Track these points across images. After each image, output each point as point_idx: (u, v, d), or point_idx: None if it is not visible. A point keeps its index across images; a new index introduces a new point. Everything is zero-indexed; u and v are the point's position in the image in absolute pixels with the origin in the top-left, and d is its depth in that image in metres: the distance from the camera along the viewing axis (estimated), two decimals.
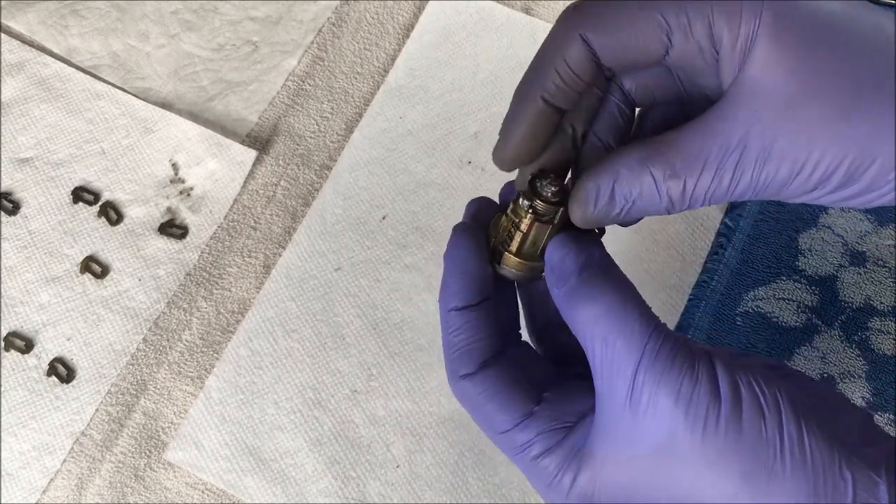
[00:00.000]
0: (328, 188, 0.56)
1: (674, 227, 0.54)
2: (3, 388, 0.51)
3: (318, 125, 0.59)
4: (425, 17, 0.61)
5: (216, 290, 0.54)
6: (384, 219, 0.56)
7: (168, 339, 0.53)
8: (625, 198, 0.32)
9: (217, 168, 0.57)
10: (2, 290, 0.54)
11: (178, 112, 0.59)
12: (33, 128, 0.58)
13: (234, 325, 0.53)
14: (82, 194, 0.56)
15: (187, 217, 0.56)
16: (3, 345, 0.52)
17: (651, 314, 0.31)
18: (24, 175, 0.57)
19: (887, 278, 0.51)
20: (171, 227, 0.55)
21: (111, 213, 0.55)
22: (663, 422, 0.29)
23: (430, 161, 0.57)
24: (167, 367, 0.52)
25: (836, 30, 0.29)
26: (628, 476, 0.31)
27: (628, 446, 0.31)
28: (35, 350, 0.52)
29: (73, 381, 0.51)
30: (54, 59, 0.60)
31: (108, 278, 0.54)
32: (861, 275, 0.51)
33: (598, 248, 0.33)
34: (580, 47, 0.31)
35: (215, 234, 0.55)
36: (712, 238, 0.53)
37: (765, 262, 0.52)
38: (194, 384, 0.52)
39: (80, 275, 0.54)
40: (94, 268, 0.54)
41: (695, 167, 0.30)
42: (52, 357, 0.52)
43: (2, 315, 0.53)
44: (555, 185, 0.33)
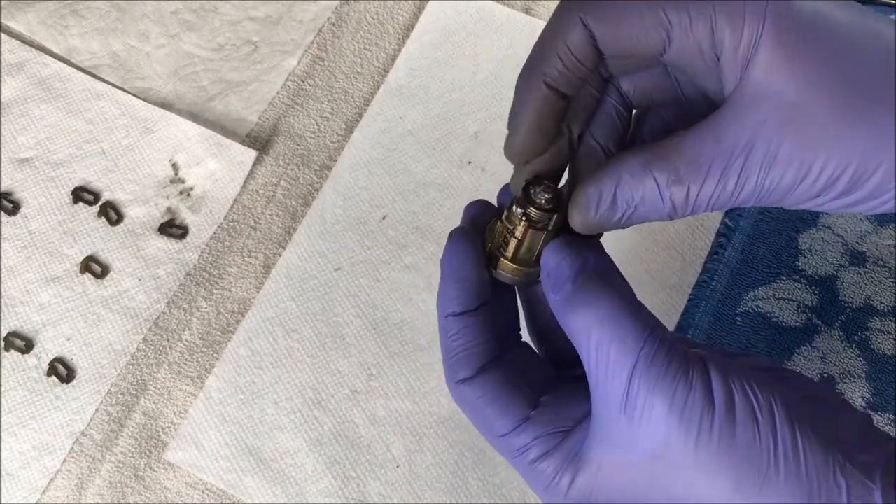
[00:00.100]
0: (328, 188, 0.56)
1: (674, 227, 0.54)
2: (3, 388, 0.51)
3: (318, 125, 0.59)
4: (425, 17, 0.61)
5: (216, 290, 0.54)
6: (384, 219, 0.56)
7: (168, 339, 0.53)
8: (627, 203, 0.31)
9: (217, 168, 0.57)
10: (2, 290, 0.54)
11: (178, 112, 0.59)
12: (33, 128, 0.58)
13: (234, 325, 0.53)
14: (82, 194, 0.56)
15: (187, 217, 0.56)
16: (3, 345, 0.52)
17: (647, 319, 0.31)
18: (24, 175, 0.57)
19: (887, 278, 0.51)
20: (171, 227, 0.55)
21: (111, 213, 0.55)
22: (658, 428, 0.29)
23: (430, 161, 0.57)
24: (167, 367, 0.52)
25: (839, 35, 0.29)
26: (624, 480, 0.31)
27: (624, 451, 0.31)
28: (35, 350, 0.52)
29: (73, 381, 0.51)
30: (54, 59, 0.60)
31: (108, 278, 0.54)
32: (861, 275, 0.51)
33: (594, 253, 0.33)
34: (581, 32, 0.31)
35: (215, 234, 0.55)
36: (712, 238, 0.53)
37: (765, 262, 0.52)
38: (194, 384, 0.52)
39: (80, 275, 0.54)
40: (94, 268, 0.54)
41: (699, 173, 0.30)
42: (52, 357, 0.52)
43: (2, 315, 0.53)
44: (548, 192, 0.33)
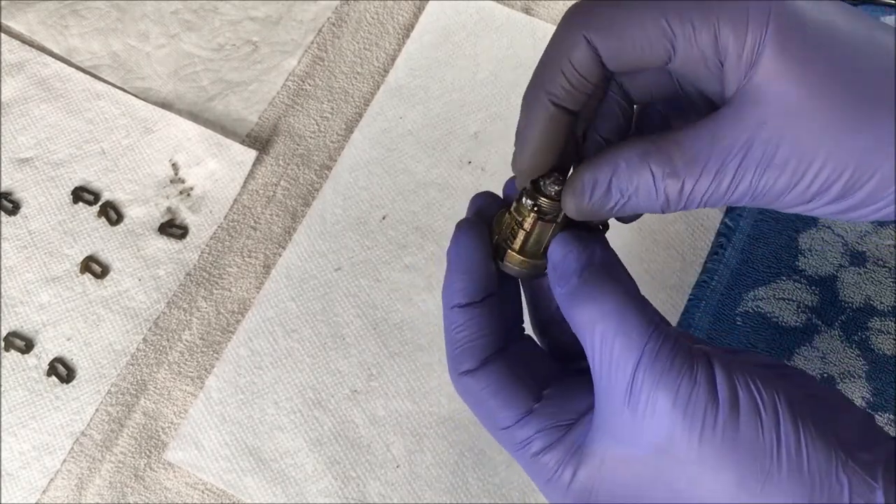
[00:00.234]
0: (328, 188, 0.56)
1: (674, 227, 0.54)
2: (3, 388, 0.51)
3: (318, 125, 0.59)
4: (425, 17, 0.61)
5: (216, 290, 0.54)
6: (384, 219, 0.56)
7: (168, 339, 0.53)
8: (621, 192, 0.32)
9: (217, 168, 0.57)
10: (2, 290, 0.54)
11: (178, 112, 0.59)
12: (33, 128, 0.58)
13: (234, 325, 0.53)
14: (82, 194, 0.56)
15: (187, 217, 0.56)
16: (3, 345, 0.52)
17: (651, 313, 0.31)
18: (24, 175, 0.57)
19: (887, 278, 0.51)
20: (171, 227, 0.55)
21: (111, 213, 0.55)
22: (661, 422, 0.30)
23: (430, 161, 0.57)
24: (167, 367, 0.52)
25: (841, 42, 0.30)
26: (627, 474, 0.31)
27: (627, 445, 0.31)
28: (35, 350, 0.52)
29: (73, 381, 0.51)
30: (54, 59, 0.60)
31: (108, 278, 0.54)
32: (861, 275, 0.51)
33: (600, 247, 0.33)
34: (585, 49, 0.31)
35: (215, 234, 0.55)
36: (712, 238, 0.53)
37: (765, 262, 0.52)
38: (194, 384, 0.52)
39: (80, 275, 0.54)
40: (94, 268, 0.54)
41: (695, 168, 0.30)
42: (52, 357, 0.52)
43: (2, 315, 0.53)
44: (557, 184, 0.33)
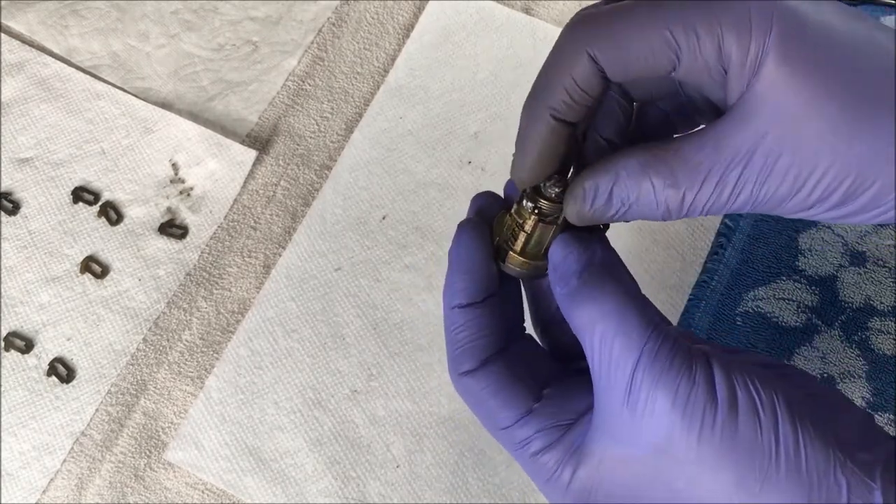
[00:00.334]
0: (328, 188, 0.56)
1: (674, 227, 0.54)
2: (3, 388, 0.51)
3: (318, 125, 0.59)
4: (425, 17, 0.61)
5: (216, 290, 0.54)
6: (384, 219, 0.56)
7: (168, 339, 0.53)
8: (622, 201, 0.32)
9: (217, 168, 0.57)
10: (2, 290, 0.54)
11: (178, 112, 0.59)
12: (33, 128, 0.58)
13: (234, 325, 0.53)
14: (82, 194, 0.56)
15: (187, 217, 0.56)
16: (3, 345, 0.52)
17: (651, 314, 0.31)
18: (24, 175, 0.57)
19: (887, 278, 0.51)
20: (171, 227, 0.55)
21: (111, 213, 0.55)
22: (661, 423, 0.30)
23: (430, 161, 0.57)
24: (167, 367, 0.52)
25: (842, 49, 0.29)
26: (626, 474, 0.31)
27: (626, 446, 0.31)
28: (35, 350, 0.52)
29: (73, 381, 0.51)
30: (54, 59, 0.60)
31: (108, 278, 0.54)
32: (861, 275, 0.51)
33: (601, 247, 0.33)
34: (588, 64, 0.31)
35: (215, 234, 0.55)
36: (712, 238, 0.53)
37: (765, 262, 0.52)
38: (194, 384, 0.52)
39: (80, 275, 0.54)
40: (94, 268, 0.54)
41: (695, 179, 0.30)
42: (52, 357, 0.52)
43: (2, 315, 0.53)
44: (558, 186, 0.33)
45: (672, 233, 0.54)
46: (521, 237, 0.34)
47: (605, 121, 0.34)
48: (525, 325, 0.37)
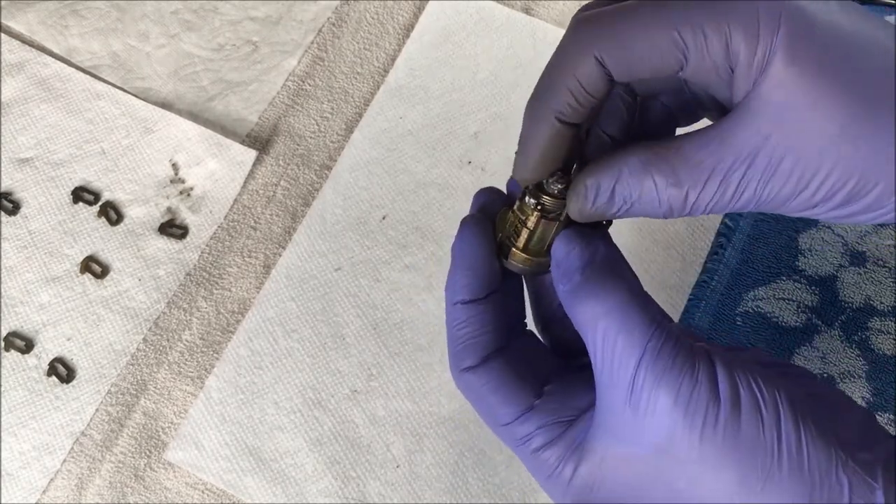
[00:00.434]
0: (328, 188, 0.56)
1: (674, 227, 0.54)
2: (3, 388, 0.51)
3: (318, 125, 0.59)
4: (425, 17, 0.61)
5: (216, 290, 0.54)
6: (384, 219, 0.56)
7: (168, 339, 0.53)
8: (624, 199, 0.32)
9: (217, 168, 0.57)
10: (2, 290, 0.54)
11: (178, 112, 0.59)
12: (33, 128, 0.58)
13: (234, 325, 0.53)
14: (82, 194, 0.56)
15: (187, 217, 0.56)
16: (3, 345, 0.52)
17: (654, 311, 0.31)
18: (24, 175, 0.57)
19: (887, 278, 0.51)
20: (171, 227, 0.55)
21: (111, 213, 0.55)
22: (663, 421, 0.30)
23: (430, 161, 0.57)
24: (167, 367, 0.52)
25: (850, 49, 0.29)
26: (627, 473, 0.31)
27: (628, 444, 0.31)
28: (35, 350, 0.52)
29: (73, 381, 0.51)
30: (54, 59, 0.60)
31: (108, 278, 0.54)
32: (861, 275, 0.51)
33: (603, 243, 0.33)
34: (593, 66, 0.30)
35: (215, 234, 0.55)
36: (712, 238, 0.53)
37: (765, 262, 0.52)
38: (194, 384, 0.52)
39: (80, 275, 0.54)
40: (94, 268, 0.54)
41: (698, 179, 0.30)
42: (52, 357, 0.52)
43: (2, 315, 0.53)
44: (561, 183, 0.33)
45: (672, 233, 0.54)
46: (524, 234, 0.34)
47: (608, 117, 0.34)
48: (526, 320, 0.37)
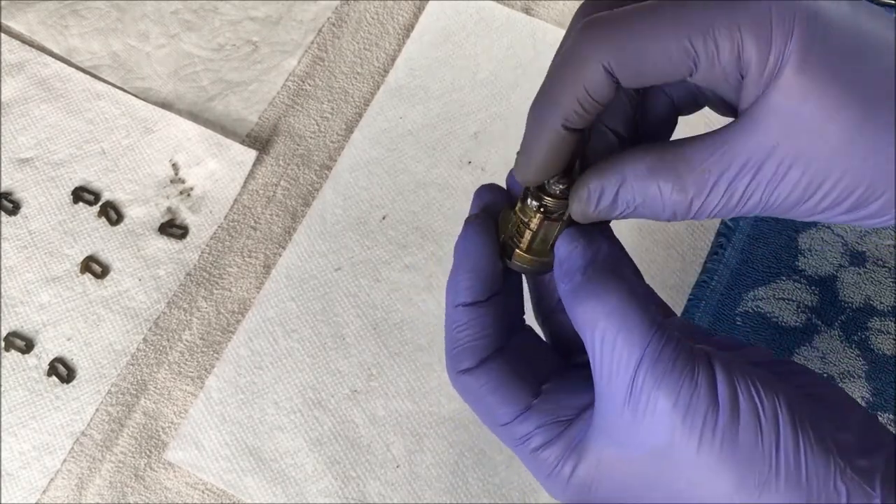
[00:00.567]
0: (328, 188, 0.56)
1: (674, 227, 0.54)
2: (3, 388, 0.51)
3: (318, 125, 0.59)
4: (425, 17, 0.61)
5: (216, 290, 0.54)
6: (384, 219, 0.56)
7: (168, 339, 0.53)
8: (627, 203, 0.31)
9: (217, 168, 0.57)
10: (2, 290, 0.54)
11: (178, 112, 0.59)
12: (33, 128, 0.58)
13: (234, 325, 0.53)
14: (82, 194, 0.56)
15: (187, 217, 0.56)
16: (3, 345, 0.52)
17: (655, 312, 0.31)
18: (24, 175, 0.57)
19: (887, 278, 0.51)
20: (171, 227, 0.55)
21: (111, 213, 0.55)
22: (661, 425, 0.29)
23: (430, 161, 0.57)
24: (167, 367, 0.52)
25: (861, 55, 0.29)
26: (625, 474, 0.31)
27: (626, 446, 0.31)
28: (35, 350, 0.52)
29: (73, 381, 0.51)
30: (54, 59, 0.60)
31: (108, 278, 0.54)
32: (861, 275, 0.51)
33: (606, 243, 0.33)
34: (601, 75, 0.30)
35: (215, 234, 0.55)
36: (712, 238, 0.53)
37: (765, 262, 0.52)
38: (194, 384, 0.52)
39: (80, 275, 0.54)
40: (94, 268, 0.54)
41: (703, 186, 0.30)
42: (52, 357, 0.52)
43: (2, 315, 0.53)
44: (563, 183, 0.33)
45: (672, 233, 0.54)
46: (527, 235, 0.34)
47: (610, 110, 0.33)
48: (525, 315, 0.37)
